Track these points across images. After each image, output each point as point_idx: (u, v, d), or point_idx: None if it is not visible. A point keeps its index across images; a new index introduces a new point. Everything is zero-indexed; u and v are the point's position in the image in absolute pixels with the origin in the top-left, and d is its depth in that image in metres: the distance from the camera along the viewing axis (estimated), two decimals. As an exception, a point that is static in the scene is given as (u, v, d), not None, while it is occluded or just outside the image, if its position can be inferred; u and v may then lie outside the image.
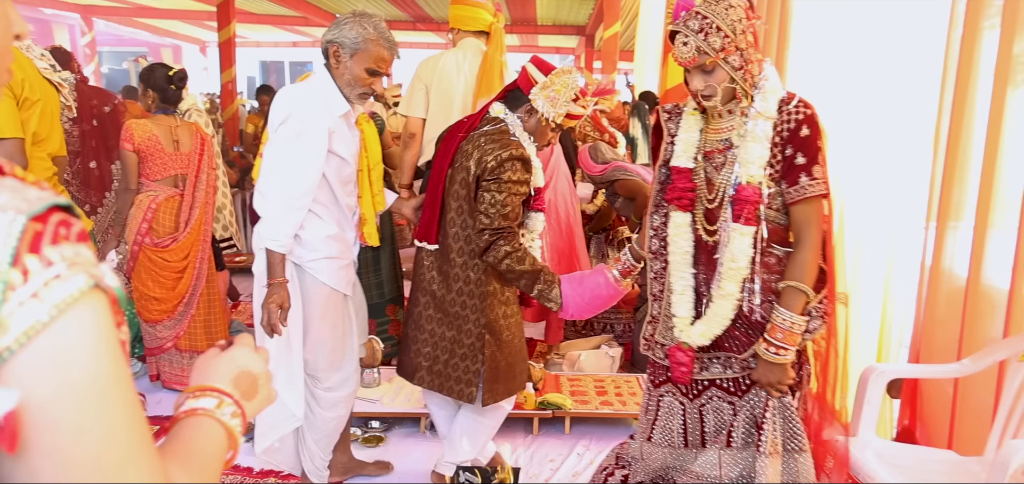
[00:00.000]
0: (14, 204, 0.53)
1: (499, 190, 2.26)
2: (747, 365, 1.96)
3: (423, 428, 3.27)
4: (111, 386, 0.56)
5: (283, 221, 2.24)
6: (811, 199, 1.85)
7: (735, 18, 1.82)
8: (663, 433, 2.09)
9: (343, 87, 2.31)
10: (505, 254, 2.27)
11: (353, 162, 2.41)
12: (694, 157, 2.00)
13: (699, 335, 1.95)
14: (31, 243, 0.52)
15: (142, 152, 3.43)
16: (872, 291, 2.79)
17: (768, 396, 1.92)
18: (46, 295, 0.52)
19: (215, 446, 0.75)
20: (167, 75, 3.57)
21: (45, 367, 0.52)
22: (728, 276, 1.90)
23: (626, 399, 3.36)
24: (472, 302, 2.38)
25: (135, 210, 3.48)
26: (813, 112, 1.87)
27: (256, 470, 2.98)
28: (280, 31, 14.35)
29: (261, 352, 0.90)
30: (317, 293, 2.40)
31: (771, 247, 1.92)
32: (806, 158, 1.84)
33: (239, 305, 5.11)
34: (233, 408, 0.80)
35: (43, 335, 0.52)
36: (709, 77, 1.86)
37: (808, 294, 1.85)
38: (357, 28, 2.26)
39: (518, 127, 2.37)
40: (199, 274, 3.67)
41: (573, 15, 11.35)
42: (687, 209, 1.99)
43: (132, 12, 12.17)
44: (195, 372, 0.84)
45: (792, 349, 1.86)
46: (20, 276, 0.51)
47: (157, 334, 3.63)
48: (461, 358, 2.42)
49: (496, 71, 3.34)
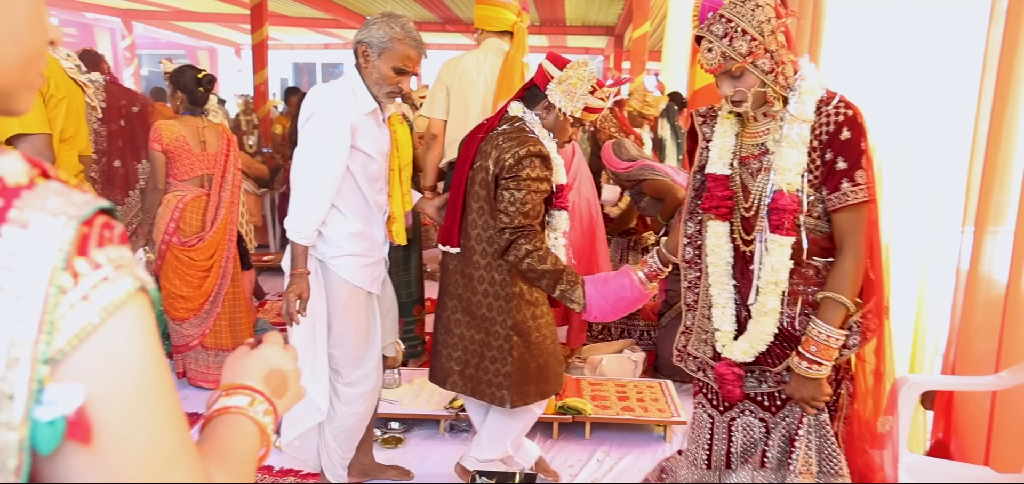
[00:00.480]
0: (65, 209, 0.54)
1: (518, 188, 2.24)
2: (781, 379, 1.87)
3: (442, 430, 3.25)
4: (156, 386, 0.58)
5: (306, 214, 2.30)
6: (854, 206, 1.74)
7: (762, 18, 1.71)
8: (692, 447, 2.03)
9: (371, 86, 2.35)
10: (526, 252, 2.24)
11: (381, 159, 2.43)
12: (730, 163, 1.91)
13: (742, 352, 1.86)
14: (79, 246, 0.54)
15: (170, 152, 3.48)
16: (906, 298, 2.69)
17: (803, 413, 1.83)
18: (95, 297, 0.54)
19: (249, 443, 0.77)
20: (195, 77, 3.62)
21: (96, 368, 0.54)
22: (768, 291, 1.81)
23: (648, 405, 3.30)
24: (498, 304, 2.36)
25: (163, 209, 3.53)
26: (855, 113, 1.75)
27: (276, 469, 2.99)
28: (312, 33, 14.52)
29: (290, 350, 0.91)
30: (339, 289, 2.43)
31: (810, 258, 1.82)
32: (848, 162, 1.73)
33: (265, 304, 5.16)
34: (265, 405, 0.81)
35: (94, 337, 0.53)
36: (738, 82, 1.77)
37: (848, 306, 1.75)
38: (385, 28, 2.31)
39: (537, 124, 2.35)
40: (225, 273, 3.71)
41: (602, 15, 11.27)
42: (725, 218, 1.91)
43: (169, 15, 12.42)
44: (226, 370, 0.86)
45: (827, 364, 1.76)
46: (71, 279, 0.53)
47: (184, 332, 3.67)
48: (490, 361, 2.40)
49: (517, 72, 3.31)
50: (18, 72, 0.63)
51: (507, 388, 2.38)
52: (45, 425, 0.52)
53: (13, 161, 0.55)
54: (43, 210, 0.53)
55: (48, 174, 0.57)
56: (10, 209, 0.52)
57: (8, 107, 0.65)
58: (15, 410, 0.51)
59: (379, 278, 2.55)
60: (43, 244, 0.52)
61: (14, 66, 0.63)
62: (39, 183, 0.55)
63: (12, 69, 0.63)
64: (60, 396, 0.52)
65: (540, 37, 14.16)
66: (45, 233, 0.53)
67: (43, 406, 0.52)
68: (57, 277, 0.52)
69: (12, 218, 0.52)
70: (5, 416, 0.51)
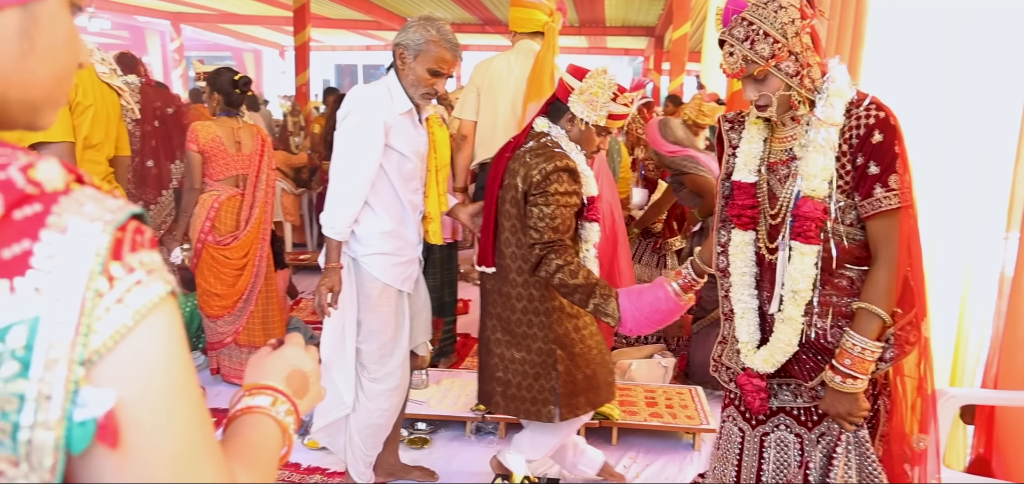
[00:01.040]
0: (101, 215, 0.55)
1: (546, 203, 2.24)
2: (817, 394, 1.80)
3: (469, 432, 3.25)
4: (183, 388, 0.59)
5: (339, 209, 2.36)
6: (887, 212, 1.66)
7: (785, 20, 1.65)
8: (720, 464, 1.97)
9: (408, 87, 2.40)
10: (557, 268, 2.23)
11: (415, 159, 2.46)
12: (757, 170, 1.84)
13: (763, 361, 1.81)
14: (114, 251, 0.55)
15: (206, 152, 3.54)
16: (947, 306, 2.60)
17: (841, 430, 1.76)
18: (129, 300, 0.55)
19: (272, 443, 0.79)
20: (231, 79, 3.69)
21: (128, 369, 0.55)
22: (789, 300, 1.74)
23: (677, 411, 3.24)
24: (538, 320, 2.36)
25: (199, 209, 3.60)
26: (888, 115, 1.66)
27: (303, 466, 3.02)
28: (354, 35, 14.73)
29: (311, 351, 0.93)
30: (370, 287, 2.46)
31: (843, 267, 1.75)
32: (880, 167, 1.65)
33: (300, 302, 5.22)
34: (287, 405, 0.82)
35: (127, 339, 0.55)
36: (762, 86, 1.71)
37: (884, 318, 1.67)
38: (421, 31, 2.36)
39: (563, 138, 2.35)
40: (258, 271, 3.76)
41: (642, 16, 11.17)
42: (747, 227, 1.85)
43: (216, 18, 12.73)
44: (249, 370, 0.87)
45: (863, 378, 1.68)
46: (107, 283, 0.54)
47: (218, 329, 3.74)
48: (533, 378, 2.39)
49: (547, 73, 3.28)
50: (49, 89, 0.65)
51: (554, 403, 2.37)
52: (77, 425, 0.53)
53: (51, 167, 0.56)
54: (80, 215, 0.54)
55: (83, 180, 0.59)
56: (49, 214, 0.54)
57: (32, 121, 0.66)
58: (52, 410, 0.52)
59: (411, 277, 2.57)
60: (81, 248, 0.54)
61: (46, 83, 0.65)
62: (75, 189, 0.57)
63: (44, 85, 0.65)
64: (92, 399, 0.53)
65: (579, 38, 14.12)
66: (82, 238, 0.54)
67: (78, 407, 0.53)
68: (94, 281, 0.53)
69: (51, 223, 0.53)
70: (43, 416, 0.52)
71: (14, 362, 0.51)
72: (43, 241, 0.53)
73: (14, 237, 0.52)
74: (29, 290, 0.52)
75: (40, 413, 0.52)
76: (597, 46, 15.35)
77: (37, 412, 0.52)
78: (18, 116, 0.65)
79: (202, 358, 3.99)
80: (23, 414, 0.52)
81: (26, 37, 0.62)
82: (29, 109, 0.65)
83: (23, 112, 0.65)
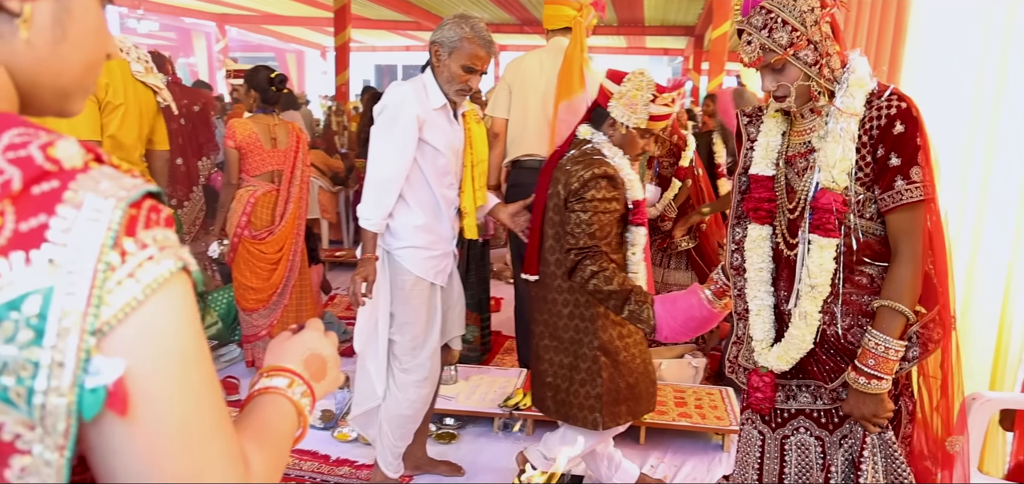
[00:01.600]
0: (115, 192, 0.57)
1: (583, 209, 2.27)
2: (838, 395, 1.74)
3: (496, 428, 3.26)
4: (194, 361, 0.61)
5: (374, 202, 2.42)
6: (909, 206, 1.61)
7: (804, 8, 1.62)
8: (741, 467, 1.93)
9: (443, 84, 2.45)
10: (591, 274, 2.24)
11: (449, 154, 2.50)
12: (775, 162, 1.81)
13: (776, 359, 1.76)
14: (127, 227, 0.57)
15: (243, 149, 3.62)
16: (988, 309, 2.51)
17: (865, 432, 1.70)
18: (140, 275, 0.57)
19: (286, 423, 0.80)
20: (268, 78, 3.77)
21: (139, 341, 0.57)
22: (806, 295, 1.70)
23: (706, 412, 3.21)
24: (584, 325, 2.38)
25: (235, 204, 3.67)
26: (910, 106, 1.61)
27: (333, 458, 3.06)
28: (394, 36, 14.88)
29: (330, 337, 0.94)
30: (403, 279, 2.51)
31: (862, 264, 1.70)
32: (901, 159, 1.60)
33: (335, 298, 5.30)
34: (303, 388, 0.84)
35: (138, 312, 0.57)
36: (780, 76, 1.67)
37: (907, 315, 1.61)
38: (455, 28, 2.40)
39: (605, 144, 2.36)
40: (292, 266, 3.83)
41: (682, 15, 11.05)
42: (764, 221, 1.81)
43: (260, 19, 13.01)
44: (268, 353, 0.89)
45: (887, 378, 1.62)
46: (119, 257, 0.56)
47: (253, 322, 3.82)
48: (580, 384, 2.41)
49: (576, 70, 3.27)
50: (79, 76, 0.69)
51: (598, 410, 2.38)
52: (88, 393, 0.55)
53: (70, 145, 0.58)
54: (95, 192, 0.57)
55: (101, 159, 0.61)
56: (65, 190, 0.56)
57: (62, 108, 0.70)
58: (65, 377, 0.54)
59: (445, 270, 2.60)
60: (94, 223, 0.56)
61: (76, 70, 0.68)
62: (93, 167, 0.59)
63: (74, 72, 0.68)
64: (103, 367, 0.55)
65: (618, 38, 14.04)
66: (96, 213, 0.56)
67: (89, 375, 0.55)
68: (106, 255, 0.55)
69: (67, 199, 0.56)
70: (56, 382, 0.54)
71: (29, 330, 0.54)
72: (59, 215, 0.55)
73: (32, 211, 0.55)
74: (44, 261, 0.54)
75: (53, 379, 0.54)
76: (636, 46, 15.25)
77: (50, 378, 0.54)
78: (50, 102, 0.68)
79: (238, 351, 4.08)
80: (37, 380, 0.54)
81: (59, 25, 0.65)
82: (60, 95, 0.68)
83: (54, 98, 0.68)
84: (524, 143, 3.47)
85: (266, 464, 0.70)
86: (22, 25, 0.63)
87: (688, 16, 11.09)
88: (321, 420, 3.30)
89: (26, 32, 0.63)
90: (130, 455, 0.58)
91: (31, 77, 0.66)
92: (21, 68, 0.65)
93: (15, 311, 0.54)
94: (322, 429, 3.26)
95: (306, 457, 3.05)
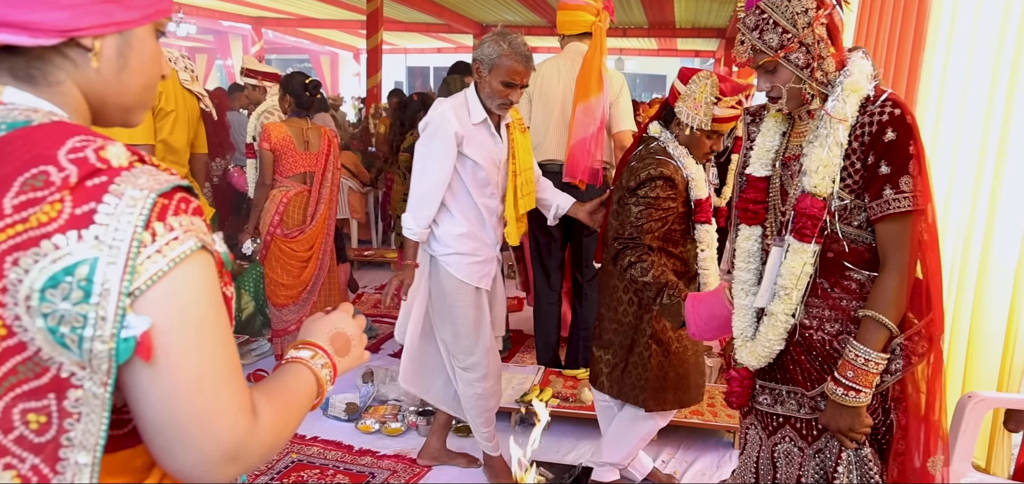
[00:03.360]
0: (150, 185, 0.72)
1: (637, 204, 2.35)
2: (817, 405, 1.70)
3: (513, 423, 3.36)
4: (210, 325, 0.75)
5: (417, 212, 2.57)
6: (897, 215, 1.57)
7: (797, 10, 1.59)
8: (742, 468, 1.92)
9: (485, 99, 2.59)
10: (629, 263, 2.32)
11: (489, 167, 2.62)
12: (771, 164, 1.79)
13: (748, 355, 1.76)
14: (159, 213, 0.72)
15: (277, 151, 3.78)
16: (997, 309, 2.54)
17: (841, 446, 1.66)
18: (167, 251, 0.71)
19: (303, 388, 0.92)
20: (303, 83, 3.93)
21: (163, 303, 0.71)
22: (778, 297, 1.68)
23: (718, 410, 3.27)
24: (640, 312, 2.48)
25: (268, 204, 3.83)
26: (903, 112, 1.56)
27: (355, 448, 3.20)
28: (425, 38, 15.05)
29: (358, 319, 1.07)
30: (445, 283, 2.66)
31: (847, 270, 1.67)
32: (891, 167, 1.55)
33: (362, 296, 5.45)
34: (325, 360, 0.97)
35: (163, 280, 0.71)
36: (772, 77, 1.66)
37: (890, 328, 1.58)
38: (493, 46, 2.53)
39: (672, 143, 2.43)
40: (322, 264, 3.98)
41: (713, 17, 11.02)
42: (752, 222, 1.81)
43: (295, 22, 13.27)
44: (301, 331, 1.03)
45: (867, 391, 1.58)
46: (150, 236, 0.71)
47: (283, 317, 3.97)
48: (633, 366, 2.52)
49: (594, 74, 3.34)
50: (139, 95, 0.85)
51: (645, 392, 2.48)
52: (122, 341, 0.70)
53: (118, 149, 0.74)
54: (134, 185, 0.72)
55: (144, 160, 0.76)
56: (112, 183, 0.71)
57: (126, 120, 0.87)
58: (106, 328, 0.70)
59: (488, 275, 2.73)
60: (131, 210, 0.70)
61: (136, 91, 0.85)
62: (136, 166, 0.74)
63: (135, 93, 0.85)
64: (134, 322, 0.70)
65: (649, 40, 14.01)
66: (133, 201, 0.71)
67: (124, 328, 0.70)
68: (139, 234, 0.70)
69: (112, 190, 0.71)
70: (99, 331, 0.70)
71: (79, 290, 0.69)
72: (105, 202, 0.70)
73: (85, 199, 0.70)
74: (91, 238, 0.69)
75: (97, 329, 0.70)
76: (667, 48, 15.20)
77: (95, 328, 0.69)
78: (115, 116, 0.86)
79: (268, 345, 4.25)
80: (86, 329, 0.69)
81: (122, 56, 0.81)
82: (124, 111, 0.86)
83: (119, 113, 0.86)
84: (545, 149, 3.56)
85: (274, 416, 0.82)
86: (94, 58, 0.79)
87: (719, 18, 11.06)
88: (345, 412, 3.44)
89: (96, 63, 0.79)
90: (152, 396, 0.73)
91: (100, 97, 0.82)
92: (92, 91, 0.81)
93: (70, 275, 0.68)
94: (346, 421, 3.40)
95: (331, 447, 3.20)
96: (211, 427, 0.74)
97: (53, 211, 0.69)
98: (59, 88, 0.79)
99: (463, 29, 12.58)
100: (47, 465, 0.72)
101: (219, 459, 0.75)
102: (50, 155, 0.71)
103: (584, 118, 3.32)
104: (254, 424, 0.78)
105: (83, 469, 0.72)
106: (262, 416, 0.80)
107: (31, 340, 0.69)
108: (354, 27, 12.72)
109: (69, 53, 0.78)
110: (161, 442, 0.75)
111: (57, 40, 0.75)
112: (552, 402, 3.34)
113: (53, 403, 0.71)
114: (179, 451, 0.74)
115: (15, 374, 0.70)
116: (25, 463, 0.71)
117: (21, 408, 0.70)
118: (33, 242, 0.68)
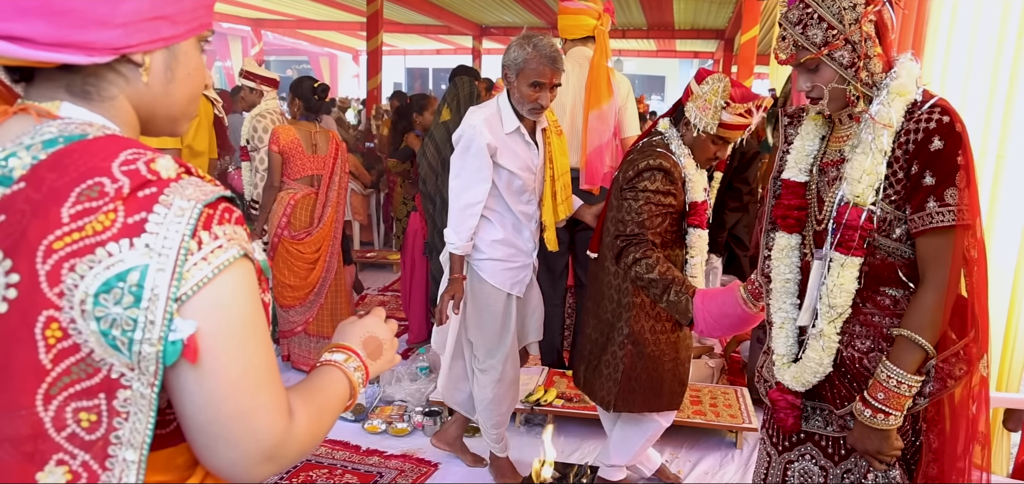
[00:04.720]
0: (197, 196, 0.76)
1: (635, 198, 2.31)
2: (845, 424, 1.62)
3: (519, 423, 3.39)
4: (251, 329, 0.79)
5: (458, 227, 2.57)
6: (939, 230, 1.45)
7: (844, 5, 1.48)
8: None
9: (516, 105, 2.56)
10: (634, 260, 2.29)
11: (524, 175, 2.61)
12: (809, 169, 1.68)
13: (792, 379, 1.65)
14: (205, 222, 0.75)
15: (285, 154, 3.81)
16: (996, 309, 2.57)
17: (868, 467, 1.59)
18: (211, 259, 0.75)
19: (337, 390, 0.96)
20: (312, 87, 3.97)
21: (208, 308, 0.75)
22: (825, 315, 1.57)
23: (720, 410, 3.31)
24: (620, 310, 2.43)
25: (276, 206, 3.86)
26: (952, 120, 1.44)
27: (363, 448, 3.23)
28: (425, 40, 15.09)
29: (390, 323, 1.11)
30: (479, 288, 2.69)
31: (886, 285, 1.57)
32: (936, 178, 1.44)
33: (366, 297, 5.48)
34: (358, 363, 1.00)
35: (208, 287, 0.75)
36: (814, 76, 1.55)
37: (926, 349, 1.48)
38: (519, 50, 2.51)
39: (676, 141, 2.39)
40: (329, 266, 4.01)
41: (712, 19, 11.08)
42: (793, 230, 1.69)
43: (295, 24, 13.31)
44: (335, 334, 1.06)
45: (897, 414, 1.48)
46: (196, 245, 0.74)
47: (290, 318, 4.01)
48: (605, 364, 2.49)
49: (603, 78, 3.34)
50: (184, 106, 0.90)
51: (614, 393, 2.45)
52: (170, 344, 0.73)
53: (168, 161, 0.78)
54: (182, 196, 0.75)
55: (191, 171, 0.80)
56: (161, 194, 0.75)
57: (173, 130, 0.92)
58: (155, 331, 0.73)
59: (522, 281, 2.74)
60: (179, 219, 0.74)
61: (182, 102, 0.89)
62: (184, 178, 0.78)
63: (181, 104, 0.89)
64: (181, 326, 0.73)
65: (648, 41, 14.07)
66: (181, 211, 0.74)
67: (171, 332, 0.73)
68: (186, 242, 0.74)
69: (161, 200, 0.74)
70: (148, 334, 0.73)
71: (130, 295, 0.72)
72: (155, 212, 0.74)
73: (136, 209, 0.73)
74: (142, 246, 0.73)
75: (146, 333, 0.73)
76: (666, 49, 15.26)
77: (144, 331, 0.73)
78: (163, 126, 0.90)
79: (275, 347, 4.28)
80: (135, 333, 0.73)
81: (169, 70, 0.85)
82: (170, 121, 0.90)
83: (166, 123, 0.90)
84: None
85: (310, 417, 0.86)
86: (144, 72, 0.83)
87: (718, 20, 11.12)
88: (352, 413, 3.47)
89: (147, 77, 0.84)
90: (197, 396, 0.77)
91: (149, 109, 0.87)
92: (142, 103, 0.86)
93: (121, 281, 0.72)
94: (353, 422, 3.43)
95: (338, 447, 3.23)
96: (251, 426, 0.78)
97: (107, 220, 0.72)
98: (112, 102, 0.83)
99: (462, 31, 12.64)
100: (97, 462, 0.75)
101: (258, 457, 0.79)
102: (104, 167, 0.74)
103: (598, 125, 3.33)
104: (291, 424, 0.82)
105: (130, 466, 0.76)
106: (298, 417, 0.84)
107: (85, 342, 0.73)
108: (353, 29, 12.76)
109: (121, 69, 0.82)
110: (204, 440, 0.78)
111: (110, 57, 0.79)
112: (556, 402, 3.37)
113: (103, 402, 0.74)
114: (222, 448, 0.78)
115: (69, 374, 0.73)
116: (76, 459, 0.74)
117: (74, 407, 0.73)
118: (88, 249, 0.71)
